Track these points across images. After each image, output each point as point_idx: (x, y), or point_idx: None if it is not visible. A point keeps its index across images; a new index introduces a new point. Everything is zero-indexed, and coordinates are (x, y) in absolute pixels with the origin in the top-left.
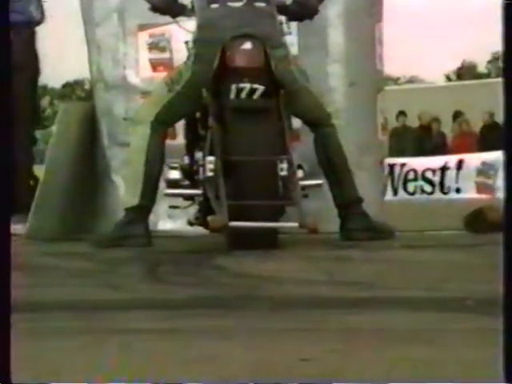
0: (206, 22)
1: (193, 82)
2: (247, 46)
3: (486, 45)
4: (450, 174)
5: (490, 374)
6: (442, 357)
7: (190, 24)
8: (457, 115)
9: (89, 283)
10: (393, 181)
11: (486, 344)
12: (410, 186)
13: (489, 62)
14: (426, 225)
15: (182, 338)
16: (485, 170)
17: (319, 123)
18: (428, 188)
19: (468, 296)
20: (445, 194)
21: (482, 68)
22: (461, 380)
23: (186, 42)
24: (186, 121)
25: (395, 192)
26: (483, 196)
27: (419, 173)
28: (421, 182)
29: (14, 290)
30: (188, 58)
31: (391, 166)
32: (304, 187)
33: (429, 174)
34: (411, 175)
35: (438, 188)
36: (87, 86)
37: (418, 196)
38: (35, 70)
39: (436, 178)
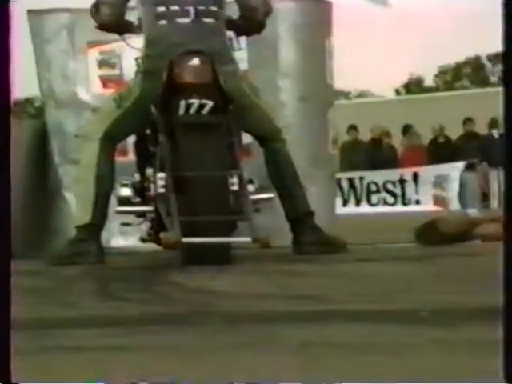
0: (153, 38)
1: (142, 98)
2: (195, 61)
3: (433, 58)
4: (410, 186)
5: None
6: (396, 367)
7: (138, 41)
8: (406, 129)
9: (41, 301)
10: (355, 193)
11: (440, 353)
12: (374, 198)
13: (436, 75)
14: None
15: (135, 355)
16: (439, 182)
17: (269, 138)
18: (390, 199)
19: (419, 307)
20: (405, 205)
21: (429, 82)
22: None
23: (137, 59)
24: (136, 138)
25: (357, 203)
26: (439, 208)
27: (381, 185)
28: (383, 194)
29: None
30: (136, 75)
31: (350, 180)
32: (255, 201)
33: (390, 186)
34: (373, 187)
35: (399, 199)
36: (38, 104)
37: (380, 207)
38: None
39: (397, 190)
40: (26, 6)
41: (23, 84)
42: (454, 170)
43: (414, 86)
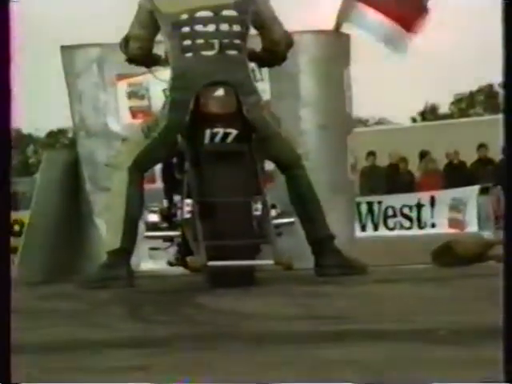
0: (180, 70)
1: (169, 128)
2: (220, 92)
3: (449, 87)
4: (426, 210)
5: None
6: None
7: (165, 73)
8: (423, 154)
9: (74, 323)
10: (372, 217)
11: (458, 371)
12: (390, 222)
13: (452, 103)
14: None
15: (162, 374)
16: (455, 205)
17: (290, 165)
18: (406, 223)
19: (435, 327)
20: (421, 228)
21: (444, 109)
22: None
23: (164, 90)
24: (163, 165)
25: (376, 227)
26: (455, 230)
27: (398, 209)
28: (400, 218)
29: None
30: (164, 106)
31: (369, 204)
32: (278, 225)
33: (406, 211)
34: (390, 212)
35: (415, 223)
36: (70, 134)
37: (397, 231)
38: None
39: (413, 214)
40: (58, 42)
41: (57, 116)
42: (470, 193)
43: (429, 114)
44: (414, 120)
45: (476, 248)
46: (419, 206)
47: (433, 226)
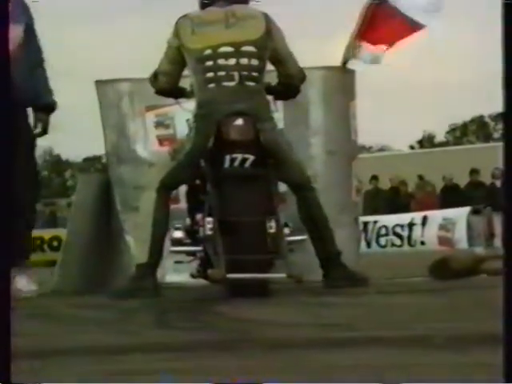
0: (203, 99)
1: (193, 151)
2: (239, 122)
3: (445, 117)
4: (416, 229)
5: None
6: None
7: (190, 104)
8: (420, 178)
9: (105, 330)
10: (366, 235)
11: (453, 375)
12: (382, 240)
13: (447, 132)
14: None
15: (185, 378)
16: (445, 224)
17: (301, 187)
18: (397, 241)
19: (432, 334)
20: (412, 246)
21: (440, 138)
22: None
23: (187, 120)
24: (188, 187)
25: (368, 245)
26: (444, 248)
27: (390, 228)
28: (391, 237)
29: (39, 338)
30: (189, 131)
31: (365, 224)
32: (290, 242)
33: (398, 229)
34: (383, 231)
35: (406, 241)
36: (104, 160)
37: (389, 248)
38: (32, 141)
39: (404, 233)
40: (93, 76)
41: (92, 144)
42: (460, 213)
43: (426, 142)
44: (412, 147)
45: (469, 262)
46: (411, 225)
47: (422, 243)
